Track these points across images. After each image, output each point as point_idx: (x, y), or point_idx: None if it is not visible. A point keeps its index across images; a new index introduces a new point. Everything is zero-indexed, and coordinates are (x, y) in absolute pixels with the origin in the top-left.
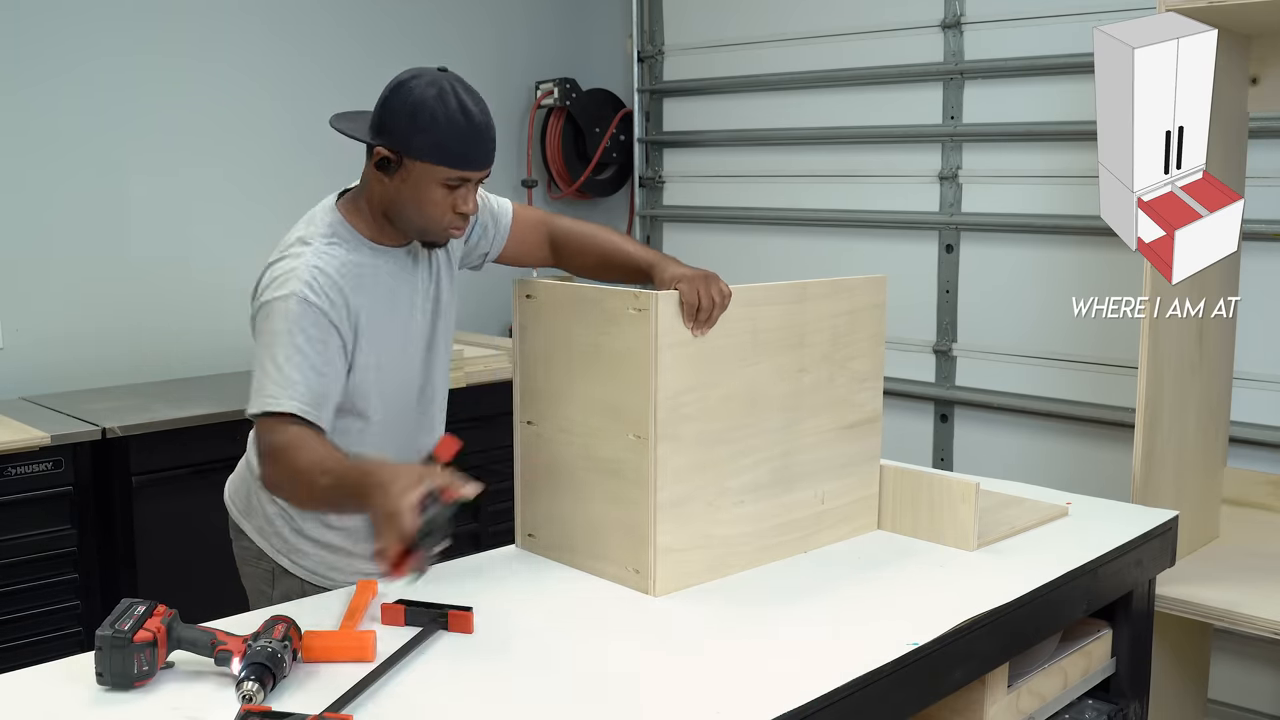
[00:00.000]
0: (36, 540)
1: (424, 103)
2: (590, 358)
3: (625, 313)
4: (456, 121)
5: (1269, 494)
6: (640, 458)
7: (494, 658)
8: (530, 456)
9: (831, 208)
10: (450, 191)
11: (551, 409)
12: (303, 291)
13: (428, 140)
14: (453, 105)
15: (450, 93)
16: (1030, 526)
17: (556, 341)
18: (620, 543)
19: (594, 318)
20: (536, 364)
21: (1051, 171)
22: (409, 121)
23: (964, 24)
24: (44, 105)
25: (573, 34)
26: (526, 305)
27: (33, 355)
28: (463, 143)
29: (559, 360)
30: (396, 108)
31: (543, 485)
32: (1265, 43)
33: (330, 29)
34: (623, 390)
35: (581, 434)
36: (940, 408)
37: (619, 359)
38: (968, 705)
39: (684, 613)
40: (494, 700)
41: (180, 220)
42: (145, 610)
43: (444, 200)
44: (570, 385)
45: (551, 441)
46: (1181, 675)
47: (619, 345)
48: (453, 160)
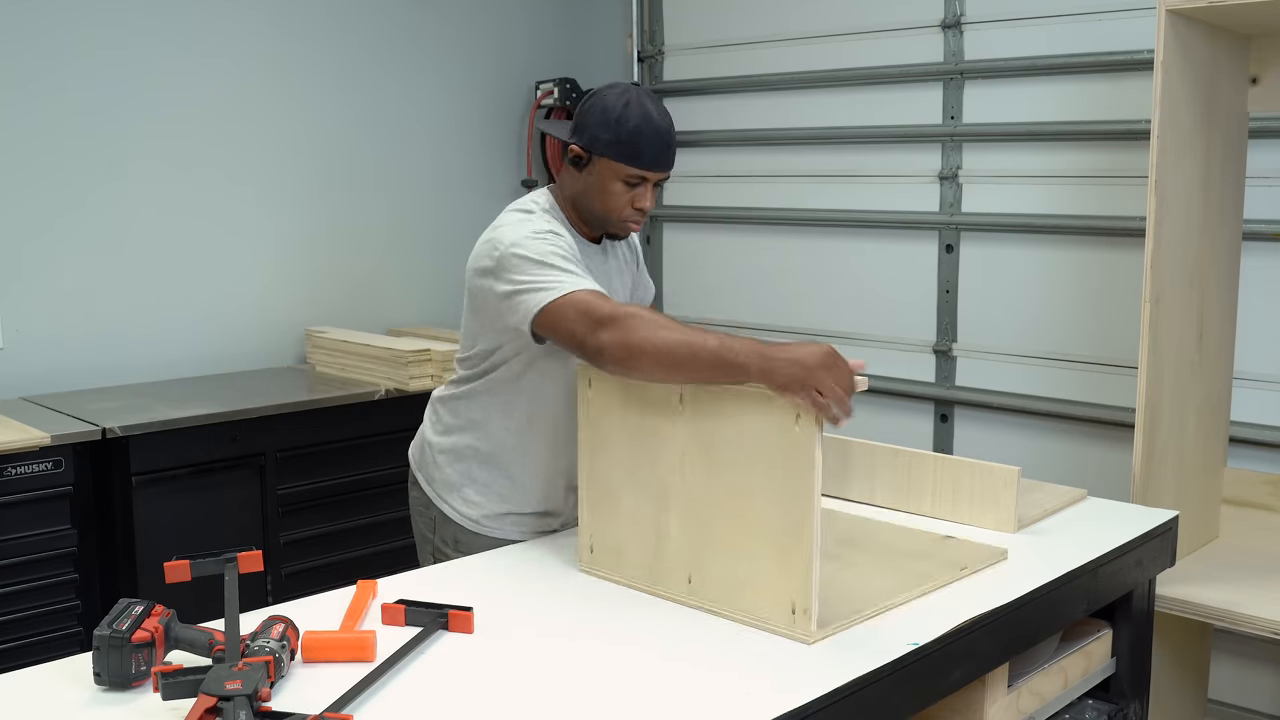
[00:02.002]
0: (36, 540)
1: (611, 108)
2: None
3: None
4: (637, 125)
5: (1269, 494)
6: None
7: (494, 658)
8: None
9: (831, 208)
10: (630, 189)
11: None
12: (546, 230)
13: (610, 139)
14: (634, 112)
15: (635, 101)
16: (1057, 509)
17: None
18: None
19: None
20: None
21: (1051, 171)
22: (598, 123)
23: (964, 24)
24: (44, 105)
25: (573, 34)
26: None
27: (33, 355)
28: (641, 144)
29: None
30: (589, 111)
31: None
32: (1265, 43)
33: (332, 29)
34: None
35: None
36: (940, 408)
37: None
38: (968, 705)
39: (686, 612)
40: (494, 700)
41: (181, 220)
42: (143, 610)
43: (623, 195)
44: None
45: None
46: (1181, 675)
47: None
48: (630, 159)
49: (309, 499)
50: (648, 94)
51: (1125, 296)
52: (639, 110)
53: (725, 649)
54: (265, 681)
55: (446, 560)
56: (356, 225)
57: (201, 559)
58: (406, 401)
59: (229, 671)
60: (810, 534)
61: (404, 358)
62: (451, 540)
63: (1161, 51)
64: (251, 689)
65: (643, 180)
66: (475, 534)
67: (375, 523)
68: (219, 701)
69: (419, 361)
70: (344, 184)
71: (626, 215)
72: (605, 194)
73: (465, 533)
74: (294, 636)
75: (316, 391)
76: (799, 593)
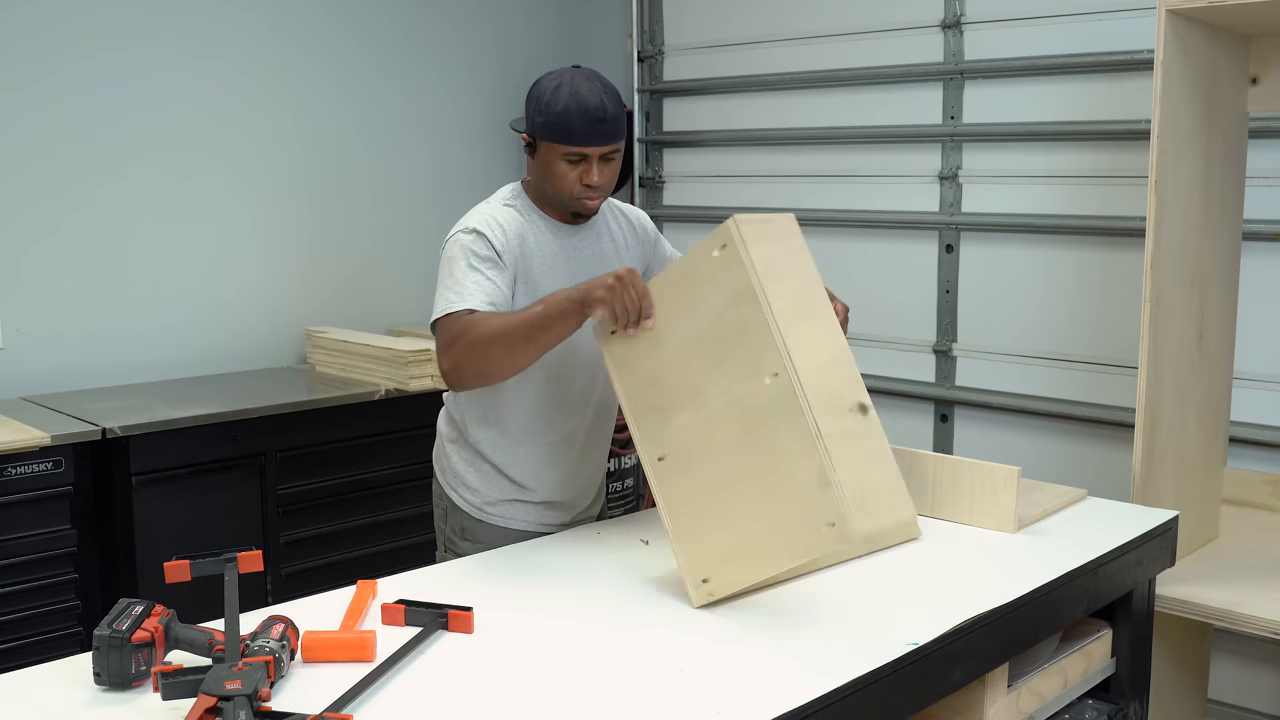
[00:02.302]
0: (36, 540)
1: (543, 92)
2: (693, 339)
3: (711, 259)
4: (565, 106)
5: (1269, 494)
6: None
7: (494, 658)
8: (673, 492)
9: (831, 208)
10: (573, 166)
11: (676, 425)
12: (475, 226)
13: (543, 121)
14: (564, 93)
15: (567, 84)
16: (1057, 509)
17: (652, 352)
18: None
19: (680, 295)
20: (645, 390)
21: (1051, 171)
22: (534, 109)
23: (964, 24)
24: (44, 106)
25: (573, 34)
26: (612, 341)
27: (33, 355)
28: (570, 123)
29: (664, 367)
30: (529, 98)
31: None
32: (1265, 43)
33: (332, 30)
34: (741, 341)
35: (713, 426)
36: (940, 408)
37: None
38: (968, 705)
39: (686, 612)
40: (494, 700)
41: (181, 220)
42: (143, 610)
43: (570, 173)
44: (685, 382)
45: (690, 459)
46: (1181, 675)
47: (716, 301)
48: (562, 138)
49: (309, 499)
50: (586, 75)
51: (1125, 296)
52: (568, 91)
53: (725, 648)
54: (265, 681)
55: (456, 550)
56: (356, 225)
57: (201, 559)
58: (406, 401)
59: (229, 671)
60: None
61: (404, 358)
62: (459, 529)
63: (1161, 51)
64: (251, 689)
65: (583, 157)
66: (481, 521)
67: (375, 523)
68: (219, 701)
69: (419, 361)
70: (344, 184)
71: (577, 193)
72: (553, 175)
73: (471, 520)
74: (294, 636)
75: (316, 391)
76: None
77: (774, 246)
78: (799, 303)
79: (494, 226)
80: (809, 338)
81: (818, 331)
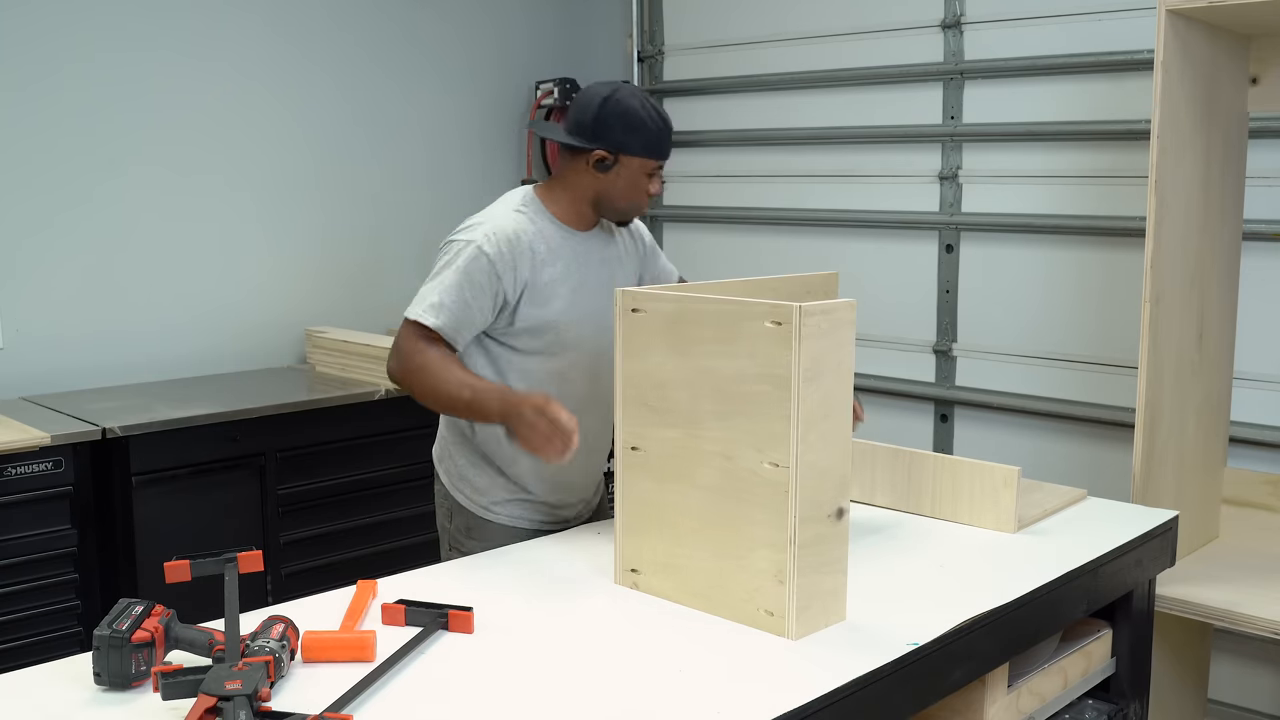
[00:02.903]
0: (36, 540)
1: (632, 111)
2: (711, 377)
3: (762, 327)
4: (657, 123)
5: (1269, 494)
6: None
7: (494, 658)
8: (635, 486)
9: (832, 208)
10: (649, 179)
11: (661, 433)
12: (480, 240)
13: (640, 140)
14: (652, 112)
15: (647, 102)
16: (1057, 509)
17: (668, 359)
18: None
19: (718, 333)
20: (645, 384)
21: (1051, 171)
22: (625, 127)
23: (964, 24)
24: (44, 105)
25: (573, 34)
26: (632, 320)
27: (33, 355)
28: (662, 139)
29: (673, 380)
30: (610, 116)
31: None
32: (1265, 43)
33: (331, 29)
34: (755, 414)
35: (696, 461)
36: (940, 408)
37: (748, 380)
38: (968, 705)
39: (686, 612)
40: (494, 700)
41: (181, 220)
42: (143, 610)
43: (647, 185)
44: (687, 407)
45: (663, 470)
46: (1181, 675)
47: (749, 365)
48: (658, 154)
49: (309, 499)
50: (645, 92)
51: (1125, 296)
52: (650, 108)
53: (725, 648)
54: (265, 681)
55: (462, 549)
56: (356, 225)
57: (201, 559)
58: (406, 401)
59: (229, 671)
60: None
61: None
62: (464, 528)
63: (1161, 51)
64: (251, 689)
65: (659, 169)
66: (486, 520)
67: (375, 523)
68: (219, 701)
69: None
70: (343, 184)
71: (637, 204)
72: (635, 189)
73: (476, 519)
74: (294, 636)
75: (316, 391)
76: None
77: (825, 343)
78: (824, 406)
79: (501, 245)
80: (820, 441)
81: (830, 434)
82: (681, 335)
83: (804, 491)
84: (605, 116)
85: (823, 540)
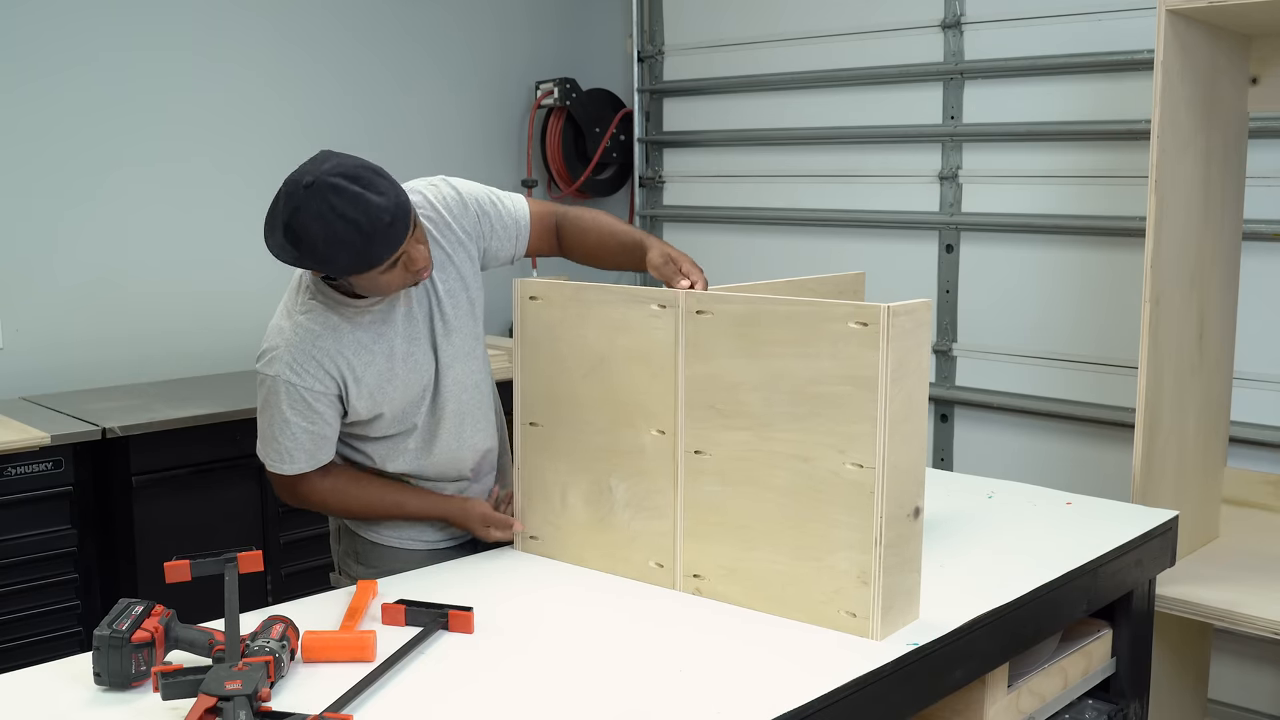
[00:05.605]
0: (36, 540)
1: (314, 239)
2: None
3: (846, 328)
4: (353, 239)
5: (1269, 494)
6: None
7: (494, 658)
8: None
9: (832, 208)
10: (393, 268)
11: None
12: (285, 375)
13: (344, 263)
14: (340, 228)
15: (332, 213)
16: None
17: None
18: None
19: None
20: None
21: (1051, 171)
22: (317, 259)
23: (964, 24)
24: (44, 105)
25: (573, 34)
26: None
27: (33, 355)
28: (369, 249)
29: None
30: (304, 250)
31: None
32: (1265, 43)
33: (333, 29)
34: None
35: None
36: (940, 408)
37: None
38: (968, 705)
39: (688, 612)
40: (494, 700)
41: (181, 220)
42: (143, 610)
43: (394, 276)
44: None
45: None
46: (1181, 675)
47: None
48: (370, 265)
49: None
50: (331, 189)
51: (1125, 296)
52: (341, 225)
53: (725, 648)
54: (265, 681)
55: (350, 572)
56: None
57: (201, 559)
58: None
59: (229, 671)
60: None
61: None
62: (353, 552)
63: (1161, 51)
64: (251, 689)
65: (395, 262)
66: (374, 544)
67: None
68: (219, 701)
69: None
70: None
71: (408, 283)
72: (378, 288)
73: (365, 542)
74: (294, 636)
75: None
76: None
77: (908, 342)
78: (907, 406)
79: (301, 363)
80: (904, 441)
81: (910, 434)
82: (752, 337)
83: (889, 492)
84: (292, 246)
85: (903, 539)
